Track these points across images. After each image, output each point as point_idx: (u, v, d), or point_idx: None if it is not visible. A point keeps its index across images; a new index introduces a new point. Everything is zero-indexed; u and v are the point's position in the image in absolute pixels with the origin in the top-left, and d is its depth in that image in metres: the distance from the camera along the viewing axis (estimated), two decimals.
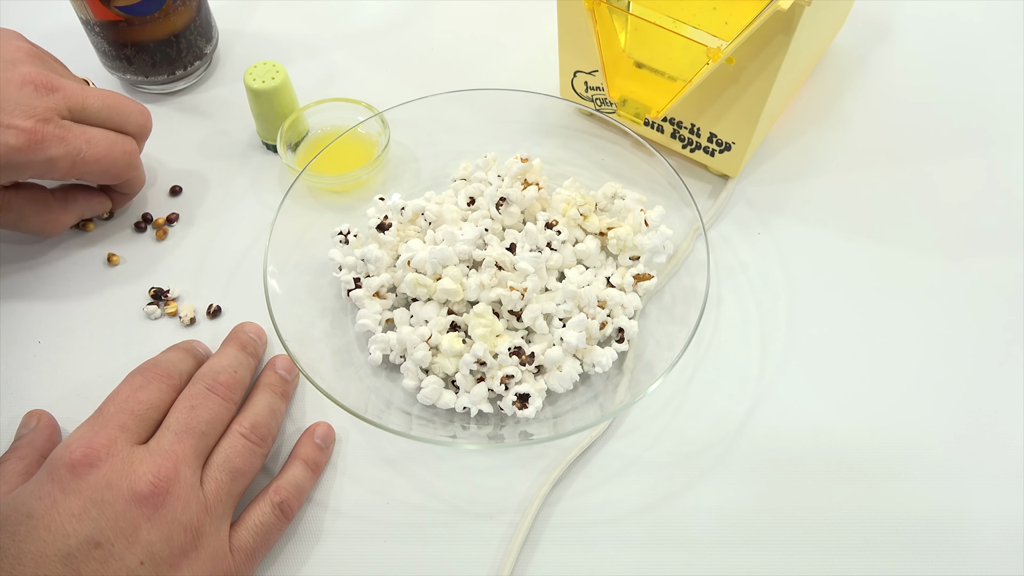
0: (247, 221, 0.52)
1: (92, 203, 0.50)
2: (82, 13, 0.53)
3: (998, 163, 0.55)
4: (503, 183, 0.48)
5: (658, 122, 0.52)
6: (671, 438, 0.44)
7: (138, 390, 0.39)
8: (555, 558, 0.40)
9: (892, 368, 0.46)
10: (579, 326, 0.43)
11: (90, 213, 0.50)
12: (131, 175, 0.48)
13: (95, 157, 0.45)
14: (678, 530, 0.41)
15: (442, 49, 0.62)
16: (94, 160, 0.45)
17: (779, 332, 0.47)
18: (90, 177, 0.46)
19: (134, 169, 0.48)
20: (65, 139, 0.43)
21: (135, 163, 0.48)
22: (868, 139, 0.56)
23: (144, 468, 0.36)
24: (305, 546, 0.41)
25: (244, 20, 0.63)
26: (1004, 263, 0.50)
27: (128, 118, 0.47)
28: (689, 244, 0.48)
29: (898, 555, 0.40)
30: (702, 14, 0.45)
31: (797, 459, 0.43)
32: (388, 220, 0.47)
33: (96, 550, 0.33)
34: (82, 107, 0.45)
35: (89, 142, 0.45)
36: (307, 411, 0.45)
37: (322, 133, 0.54)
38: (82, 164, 0.44)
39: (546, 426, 0.43)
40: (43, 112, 0.43)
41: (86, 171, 0.45)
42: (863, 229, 0.52)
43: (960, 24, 0.63)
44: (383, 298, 0.46)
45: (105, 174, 0.47)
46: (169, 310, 0.48)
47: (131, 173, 0.48)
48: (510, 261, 0.45)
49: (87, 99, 0.45)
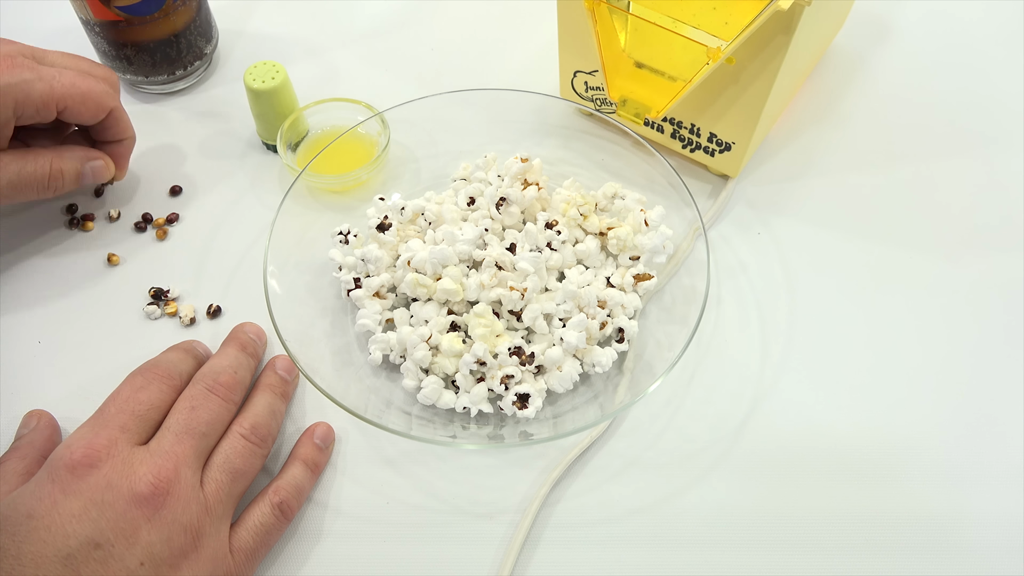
0: (247, 221, 0.52)
1: (90, 154, 0.49)
2: (82, 13, 0.53)
3: (998, 163, 0.55)
4: (503, 183, 0.48)
5: (658, 122, 0.52)
6: (671, 438, 0.44)
7: (139, 391, 0.39)
8: (555, 558, 0.40)
9: (892, 368, 0.46)
10: (579, 326, 0.43)
11: (91, 169, 0.49)
12: (113, 103, 0.48)
13: (71, 81, 0.45)
14: (678, 530, 0.41)
15: (442, 49, 0.62)
16: (71, 84, 0.45)
17: (779, 332, 0.47)
18: (74, 106, 0.46)
19: (115, 99, 0.48)
20: (36, 69, 0.44)
21: (113, 93, 0.48)
22: (868, 139, 0.56)
23: (144, 469, 0.36)
24: (305, 546, 0.41)
25: (244, 20, 0.63)
26: (1004, 263, 0.50)
27: (92, 66, 0.48)
28: (689, 244, 0.48)
29: (898, 555, 0.40)
30: (702, 14, 0.45)
31: (797, 459, 0.43)
32: (388, 220, 0.47)
33: (96, 551, 0.33)
34: (43, 55, 0.46)
35: (61, 72, 0.45)
36: (307, 411, 0.45)
37: (322, 133, 0.54)
38: (61, 88, 0.44)
39: (546, 426, 0.43)
40: (7, 51, 0.44)
41: (67, 95, 0.45)
42: (863, 229, 0.52)
43: (960, 24, 0.63)
44: (383, 298, 0.46)
45: (87, 100, 0.46)
46: (169, 310, 0.48)
47: (113, 101, 0.48)
48: (510, 261, 0.45)
49: (47, 51, 0.47)
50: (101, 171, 0.49)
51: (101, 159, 0.49)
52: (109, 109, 0.48)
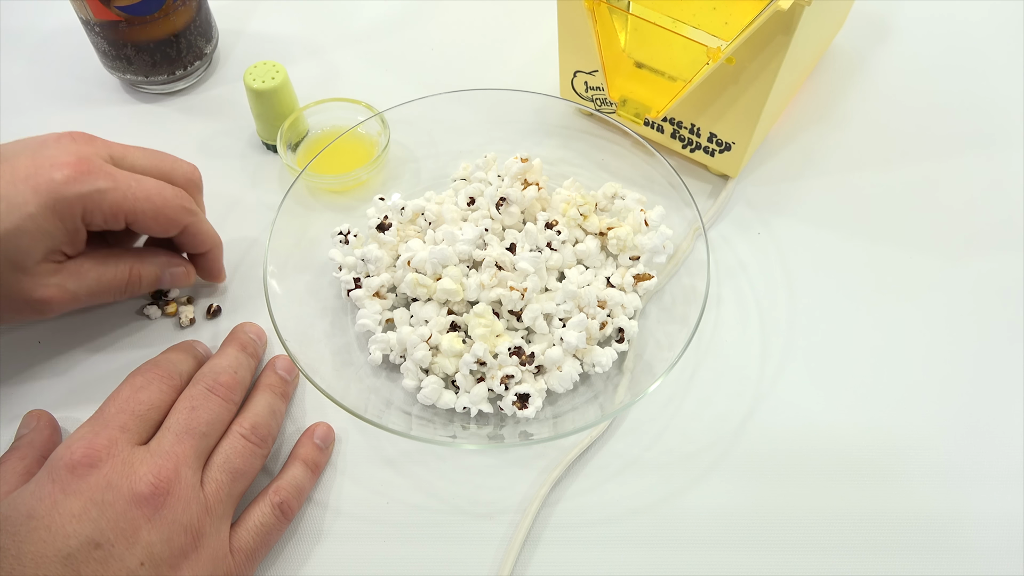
0: (247, 221, 0.52)
1: (172, 261, 0.46)
2: (82, 13, 0.53)
3: (998, 163, 0.55)
4: (503, 183, 0.48)
5: (658, 122, 0.52)
6: (671, 438, 0.44)
7: (139, 391, 0.39)
8: (555, 558, 0.40)
9: (892, 368, 0.46)
10: (579, 326, 0.43)
11: (170, 275, 0.46)
12: (188, 220, 0.44)
13: (146, 194, 0.42)
14: (678, 530, 0.41)
15: (442, 49, 0.62)
16: (145, 197, 0.42)
17: (779, 332, 0.47)
18: (144, 220, 0.42)
19: (191, 215, 0.44)
20: (113, 176, 0.41)
21: (191, 208, 0.44)
22: (868, 139, 0.56)
23: (145, 469, 0.36)
24: (305, 546, 0.41)
25: (244, 20, 0.63)
26: (1004, 263, 0.50)
27: (174, 166, 0.45)
28: (689, 244, 0.48)
29: (898, 555, 0.40)
30: (702, 14, 0.45)
31: (797, 459, 0.43)
32: (388, 220, 0.47)
33: (96, 551, 0.33)
34: (123, 155, 0.43)
35: (139, 181, 0.42)
36: (307, 411, 0.45)
37: (322, 133, 0.54)
38: (133, 201, 0.41)
39: (546, 426, 0.43)
40: (86, 153, 0.41)
41: (139, 210, 0.42)
42: (863, 229, 0.52)
43: (960, 24, 0.63)
44: (383, 298, 0.46)
45: (159, 216, 0.43)
46: (169, 310, 0.48)
47: (188, 218, 0.44)
48: (510, 261, 0.45)
49: (128, 148, 0.44)
50: (180, 278, 0.47)
51: (182, 265, 0.47)
52: (183, 227, 0.44)
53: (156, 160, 0.45)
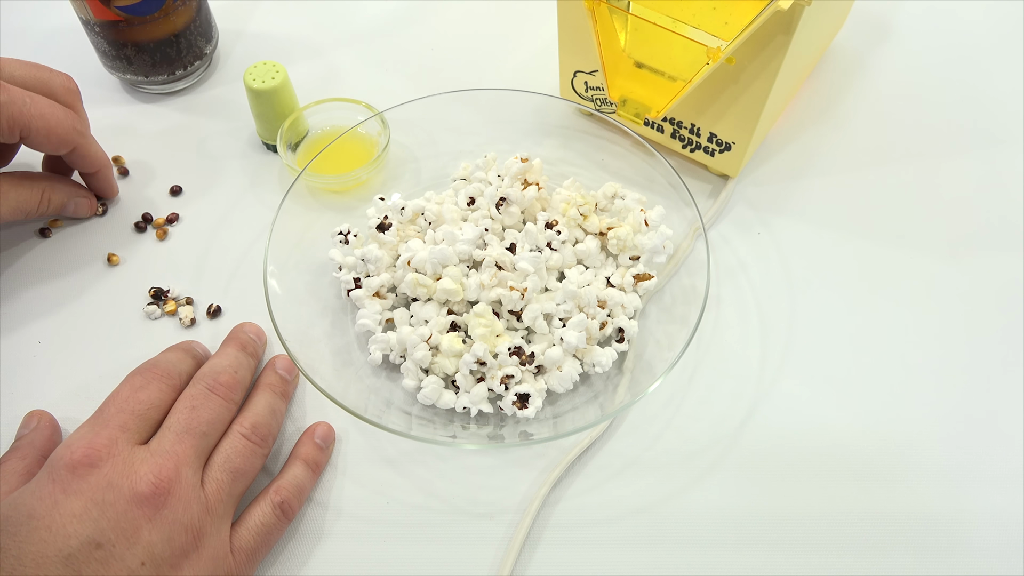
0: (247, 221, 0.52)
1: (79, 191, 0.50)
2: (82, 13, 0.53)
3: (998, 162, 0.55)
4: (503, 183, 0.48)
5: (658, 122, 0.52)
6: (671, 438, 0.44)
7: (138, 390, 0.39)
8: (555, 558, 0.40)
9: (892, 368, 0.46)
10: (579, 326, 0.43)
11: (74, 204, 0.50)
12: (78, 141, 0.47)
13: (40, 112, 0.44)
14: (678, 530, 0.41)
15: (442, 49, 0.62)
16: (39, 115, 0.44)
17: (779, 332, 0.47)
18: (40, 137, 0.45)
19: (81, 136, 0.47)
20: (7, 89, 0.43)
21: (81, 131, 0.47)
22: (868, 139, 0.56)
23: (145, 468, 0.36)
24: (306, 546, 0.41)
25: (244, 20, 0.63)
26: (1004, 263, 0.50)
27: (51, 76, 0.47)
28: (689, 244, 0.48)
29: (898, 555, 0.40)
30: (702, 14, 0.45)
31: (797, 459, 0.43)
32: (388, 220, 0.47)
33: (97, 551, 0.33)
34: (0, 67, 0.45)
35: (32, 98, 0.44)
36: (307, 411, 0.45)
37: (322, 133, 0.54)
38: (28, 118, 0.44)
39: (546, 426, 0.43)
40: None
41: (33, 127, 0.44)
42: (863, 229, 0.52)
43: (960, 24, 0.63)
44: (383, 298, 0.46)
45: (51, 134, 0.45)
46: (169, 309, 0.48)
47: (78, 139, 0.47)
48: (510, 261, 0.45)
49: (3, 60, 0.46)
50: (83, 207, 0.51)
51: (87, 197, 0.51)
52: (72, 147, 0.47)
53: (33, 70, 0.46)
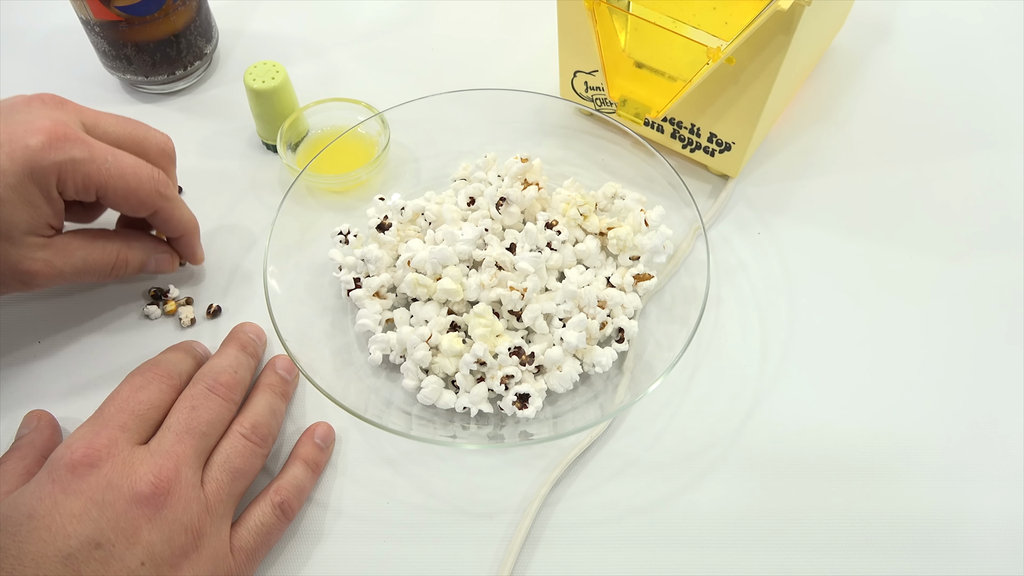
0: (247, 221, 0.52)
1: (158, 247, 0.47)
2: (82, 13, 0.53)
3: (998, 163, 0.55)
4: (503, 183, 0.48)
5: (658, 122, 0.52)
6: (671, 438, 0.44)
7: (138, 390, 0.39)
8: (555, 558, 0.40)
9: (892, 368, 0.46)
10: (579, 326, 0.43)
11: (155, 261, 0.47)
12: (160, 205, 0.44)
13: (120, 171, 0.41)
14: (678, 530, 0.41)
15: (442, 49, 0.62)
16: (119, 175, 0.41)
17: (779, 332, 0.47)
18: (118, 198, 0.42)
19: (164, 200, 0.44)
20: (89, 146, 0.40)
21: (165, 194, 0.44)
22: (868, 139, 0.56)
23: (145, 468, 0.36)
24: (306, 546, 0.41)
25: (244, 20, 0.63)
26: (1004, 263, 0.50)
27: (147, 134, 0.44)
28: (689, 244, 0.48)
29: (898, 555, 0.40)
30: (702, 14, 0.45)
31: (797, 459, 0.43)
32: (388, 220, 0.47)
33: (97, 551, 0.33)
34: (95, 121, 0.43)
35: (116, 156, 0.41)
36: (307, 411, 0.45)
37: (322, 133, 0.54)
38: (107, 176, 0.41)
39: (546, 426, 0.43)
40: (59, 118, 0.40)
41: (111, 187, 0.41)
42: (863, 229, 0.52)
43: (960, 24, 0.63)
44: (383, 298, 0.46)
45: (131, 196, 0.42)
46: (169, 310, 0.48)
47: (160, 203, 0.44)
48: (510, 261, 0.45)
49: (100, 115, 0.43)
50: (165, 264, 0.47)
51: (167, 252, 0.47)
52: (154, 210, 0.44)
53: (129, 128, 0.44)
